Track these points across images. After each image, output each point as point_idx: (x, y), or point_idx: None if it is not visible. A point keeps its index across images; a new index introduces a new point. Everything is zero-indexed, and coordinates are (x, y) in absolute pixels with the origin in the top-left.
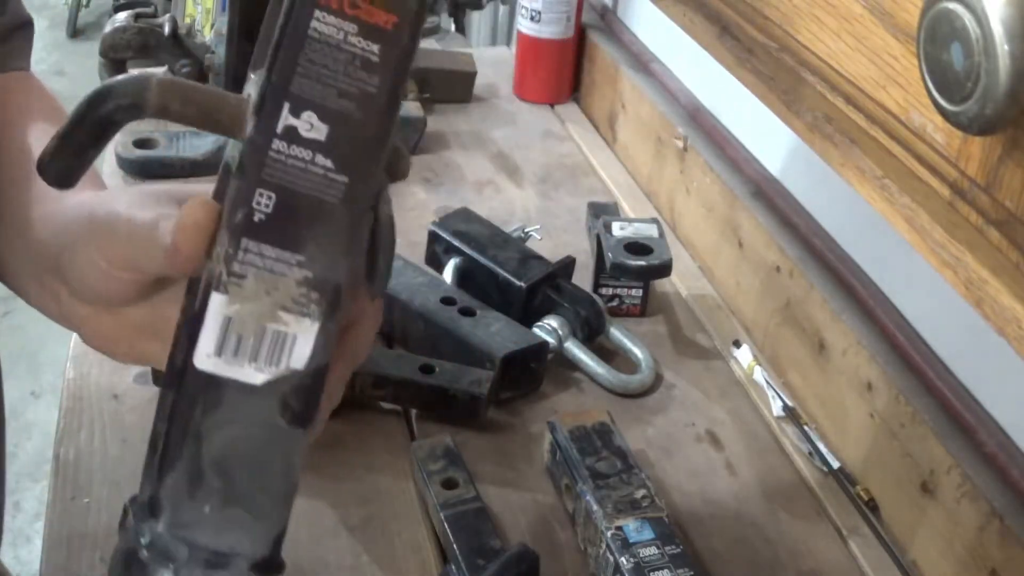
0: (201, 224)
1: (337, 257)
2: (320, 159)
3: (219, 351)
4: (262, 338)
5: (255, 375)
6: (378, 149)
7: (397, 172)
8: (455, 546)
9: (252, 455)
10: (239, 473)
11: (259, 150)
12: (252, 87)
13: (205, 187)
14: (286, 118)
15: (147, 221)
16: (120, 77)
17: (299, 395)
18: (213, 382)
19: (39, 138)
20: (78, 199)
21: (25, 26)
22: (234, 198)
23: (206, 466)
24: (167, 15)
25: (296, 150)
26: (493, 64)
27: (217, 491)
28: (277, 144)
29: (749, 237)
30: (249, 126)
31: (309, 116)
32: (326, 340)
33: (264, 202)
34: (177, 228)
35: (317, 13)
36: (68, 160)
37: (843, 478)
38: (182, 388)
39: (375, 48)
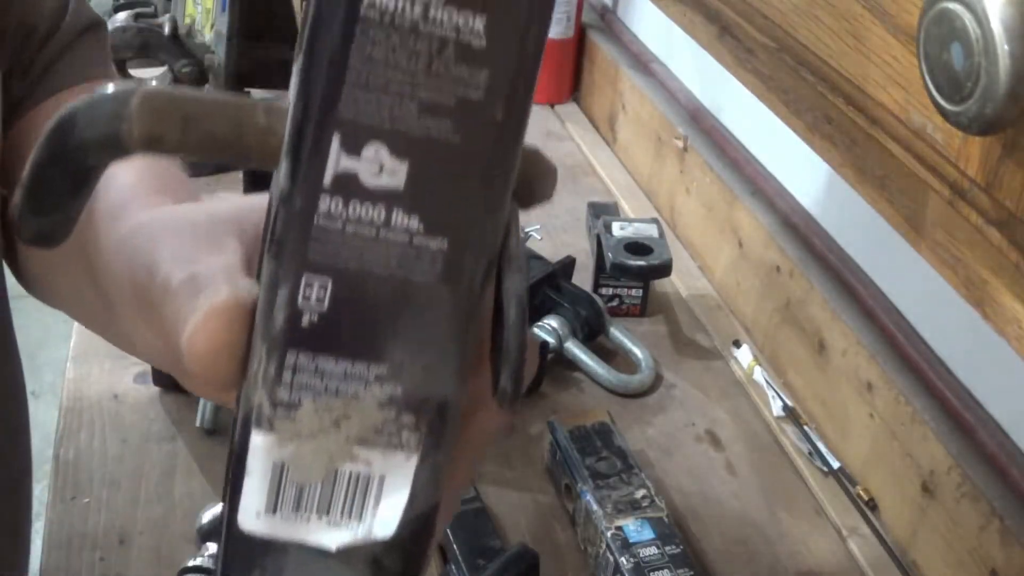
0: (217, 346)
1: (440, 361)
2: (400, 218)
3: (272, 508)
4: (334, 484)
5: (328, 535)
6: (495, 188)
7: (536, 194)
8: (455, 546)
9: None
10: None
11: (299, 215)
12: (293, 90)
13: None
14: (337, 158)
15: (181, 289)
16: (88, 97)
17: (397, 552)
18: (268, 548)
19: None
20: (128, 229)
21: (92, 28)
22: (269, 291)
23: None
24: (167, 15)
25: (359, 208)
26: None
27: None
28: (327, 203)
29: (749, 237)
30: (281, 174)
31: (375, 151)
32: (432, 474)
33: (315, 294)
34: (187, 351)
35: None
36: (44, 217)
37: (843, 478)
38: (228, 550)
39: (479, 24)
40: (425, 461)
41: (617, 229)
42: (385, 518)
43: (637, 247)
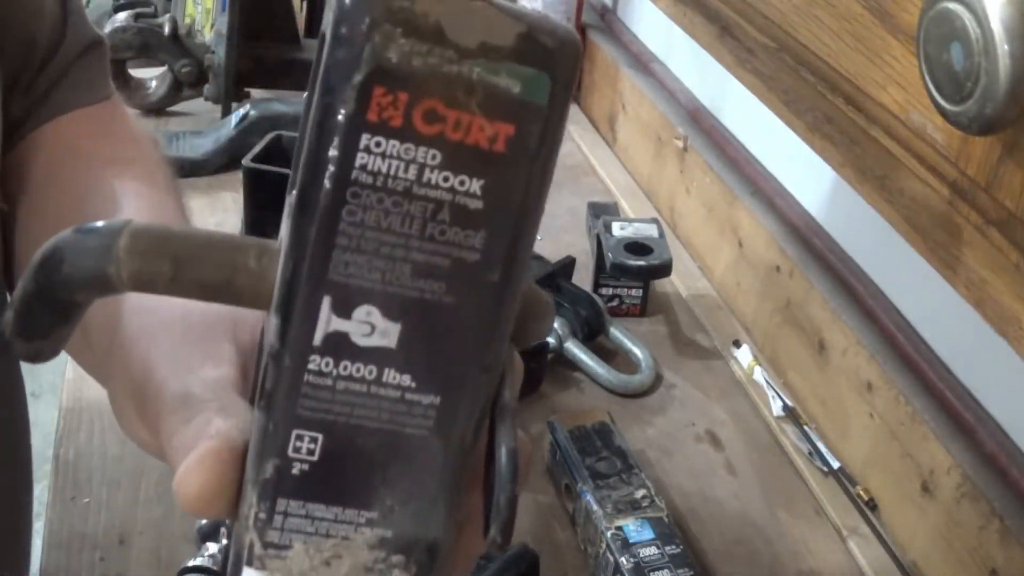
0: (207, 492)
1: (430, 507)
2: (392, 376)
3: None
4: None
5: None
6: (489, 347)
7: (532, 334)
8: None
9: None
10: None
11: (289, 373)
12: (284, 239)
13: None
14: (328, 320)
15: (175, 406)
16: (75, 232)
17: None
18: None
19: (98, 210)
20: (127, 308)
21: (92, 48)
22: (260, 442)
23: None
24: (167, 15)
25: (350, 367)
26: None
27: None
28: (316, 362)
29: (749, 237)
30: (270, 330)
31: (367, 314)
32: None
33: (305, 447)
34: (177, 490)
35: (366, 140)
36: (33, 340)
37: (843, 478)
38: None
39: (476, 186)
40: None
41: (617, 229)
42: None
43: (637, 247)
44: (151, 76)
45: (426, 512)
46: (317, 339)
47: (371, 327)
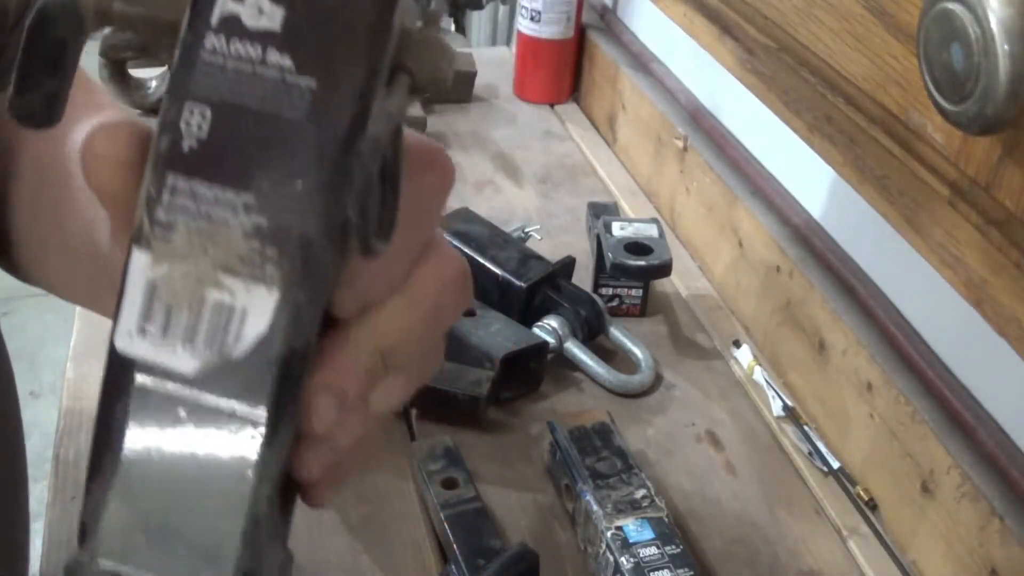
0: (103, 154)
1: (302, 196)
2: (274, 56)
3: (142, 328)
4: (200, 312)
5: (187, 362)
6: (366, 33)
7: (424, 68)
8: (455, 546)
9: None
10: (171, 494)
11: (189, 52)
12: None
13: None
14: (223, 3)
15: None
16: None
17: (257, 387)
18: (135, 369)
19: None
20: (66, 151)
21: None
22: (161, 121)
23: (134, 483)
24: None
25: (239, 47)
26: (493, 64)
27: (147, 516)
28: (212, 40)
29: (749, 237)
30: (183, 22)
31: None
32: (294, 316)
33: (196, 122)
34: (82, 154)
35: None
36: (28, 94)
37: (843, 478)
38: (106, 376)
39: None
40: (286, 299)
41: (617, 229)
42: (239, 350)
43: (637, 247)
44: (151, 76)
45: (300, 201)
46: (214, 18)
47: (259, 9)
